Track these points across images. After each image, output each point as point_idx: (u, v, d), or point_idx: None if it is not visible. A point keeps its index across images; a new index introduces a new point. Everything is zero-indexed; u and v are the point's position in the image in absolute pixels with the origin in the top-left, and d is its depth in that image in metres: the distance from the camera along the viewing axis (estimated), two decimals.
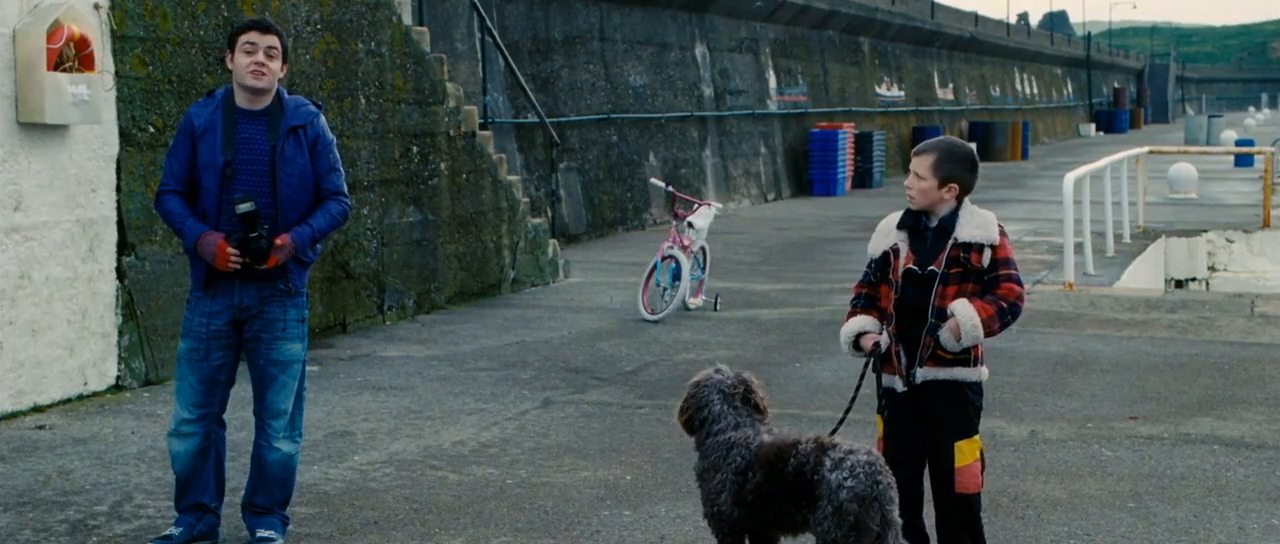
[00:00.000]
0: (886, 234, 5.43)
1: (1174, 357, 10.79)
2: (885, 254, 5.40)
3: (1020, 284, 5.31)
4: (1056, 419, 8.62)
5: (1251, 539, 6.33)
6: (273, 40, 5.80)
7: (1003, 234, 5.34)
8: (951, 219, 5.32)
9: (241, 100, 5.85)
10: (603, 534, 6.28)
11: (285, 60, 5.88)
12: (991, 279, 5.27)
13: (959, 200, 5.35)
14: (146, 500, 6.70)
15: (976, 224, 5.31)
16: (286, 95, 5.95)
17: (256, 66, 5.76)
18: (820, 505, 4.74)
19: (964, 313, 5.20)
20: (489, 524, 6.40)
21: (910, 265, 5.32)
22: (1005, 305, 5.23)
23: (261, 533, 6.03)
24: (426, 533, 6.28)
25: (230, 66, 5.87)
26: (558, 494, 6.90)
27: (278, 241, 5.78)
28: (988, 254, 5.27)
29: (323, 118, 6.02)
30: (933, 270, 5.28)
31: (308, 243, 5.91)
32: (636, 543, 6.19)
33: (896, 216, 5.44)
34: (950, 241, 5.28)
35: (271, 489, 6.05)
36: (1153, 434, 8.24)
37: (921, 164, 5.33)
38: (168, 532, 6.03)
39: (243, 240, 5.74)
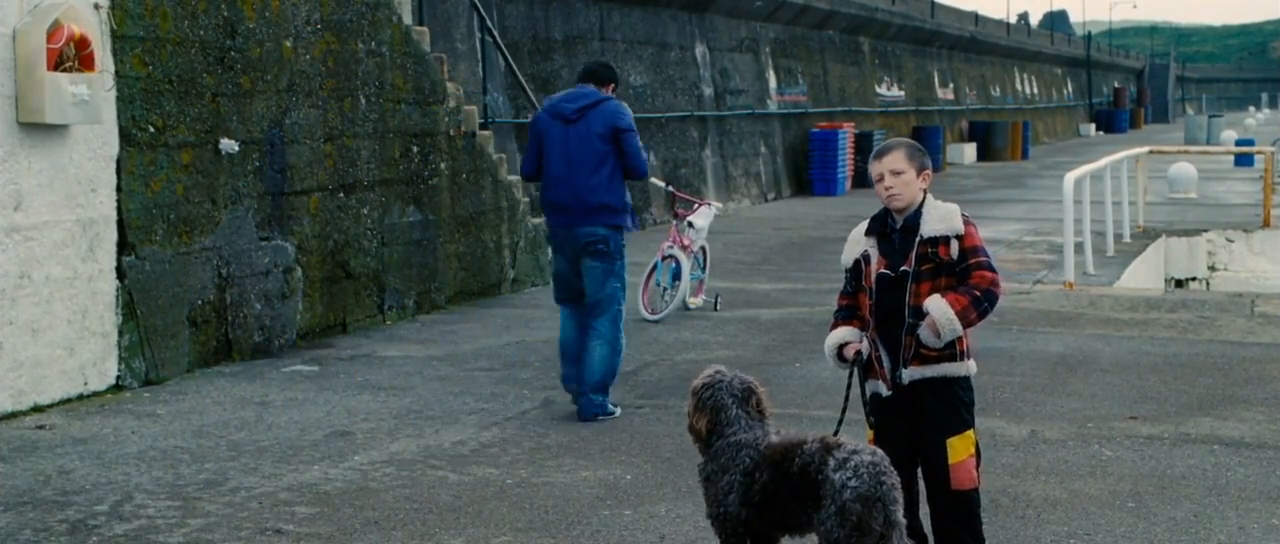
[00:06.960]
0: (856, 242, 5.45)
1: (1174, 357, 10.79)
2: (857, 262, 5.42)
3: (992, 271, 5.29)
4: (1056, 419, 8.62)
5: (1251, 539, 6.33)
6: None
7: (969, 223, 5.33)
8: (916, 217, 5.32)
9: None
10: (603, 534, 6.28)
11: None
12: (963, 270, 5.26)
13: (924, 192, 5.37)
14: (146, 500, 6.70)
15: (940, 217, 5.31)
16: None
17: None
18: (824, 505, 4.73)
19: (938, 308, 5.20)
20: (489, 524, 6.40)
21: (882, 269, 5.33)
22: (979, 294, 5.23)
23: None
24: (426, 533, 6.28)
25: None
26: (558, 494, 6.90)
27: None
28: (955, 245, 5.27)
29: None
30: (904, 271, 5.29)
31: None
32: (636, 543, 6.19)
33: (865, 224, 5.46)
34: (917, 239, 5.29)
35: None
36: (1153, 434, 8.24)
37: (896, 160, 5.31)
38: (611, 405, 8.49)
39: None
